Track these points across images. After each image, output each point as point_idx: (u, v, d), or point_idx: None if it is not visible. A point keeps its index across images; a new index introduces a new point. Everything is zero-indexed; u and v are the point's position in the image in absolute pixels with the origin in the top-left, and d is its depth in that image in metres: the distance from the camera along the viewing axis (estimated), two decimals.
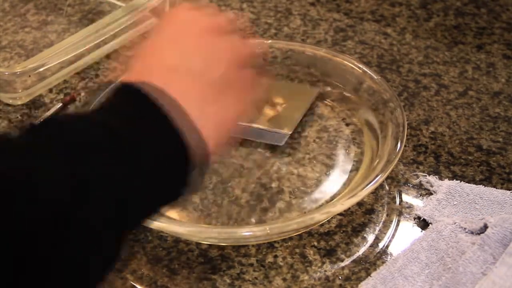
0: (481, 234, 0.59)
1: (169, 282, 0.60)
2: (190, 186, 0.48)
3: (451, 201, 0.64)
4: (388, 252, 0.61)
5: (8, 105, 0.81)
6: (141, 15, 0.88)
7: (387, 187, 0.67)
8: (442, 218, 0.63)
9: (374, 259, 0.61)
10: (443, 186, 0.66)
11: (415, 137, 0.73)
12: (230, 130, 0.53)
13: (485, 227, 0.60)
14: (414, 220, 0.64)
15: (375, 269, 0.59)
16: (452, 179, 0.67)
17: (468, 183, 0.66)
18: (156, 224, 0.60)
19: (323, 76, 0.79)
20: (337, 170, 0.69)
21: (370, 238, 0.63)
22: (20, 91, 0.80)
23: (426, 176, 0.67)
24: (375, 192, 0.66)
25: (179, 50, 0.52)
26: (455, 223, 0.61)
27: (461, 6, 0.93)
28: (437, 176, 0.67)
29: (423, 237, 0.61)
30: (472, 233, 0.60)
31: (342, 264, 0.61)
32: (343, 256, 0.61)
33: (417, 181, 0.67)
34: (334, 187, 0.67)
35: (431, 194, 0.66)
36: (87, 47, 0.84)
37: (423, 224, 0.63)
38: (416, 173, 0.68)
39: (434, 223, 0.62)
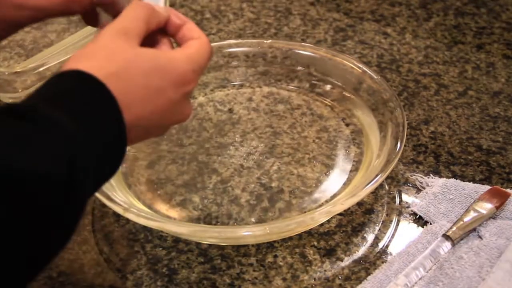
0: (478, 241, 0.59)
1: (169, 282, 0.60)
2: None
3: (447, 195, 0.65)
4: (388, 252, 0.61)
5: None
6: None
7: (387, 187, 0.67)
8: (438, 216, 0.63)
9: (374, 259, 0.61)
10: (440, 180, 0.66)
11: (415, 137, 0.73)
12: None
13: (480, 237, 0.60)
14: (410, 216, 0.64)
15: (375, 269, 0.59)
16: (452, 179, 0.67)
17: (468, 182, 0.66)
18: (156, 224, 0.60)
19: (323, 76, 0.79)
20: (337, 170, 0.69)
21: (370, 238, 0.63)
22: (20, 91, 0.80)
23: (422, 177, 0.67)
24: (375, 192, 0.66)
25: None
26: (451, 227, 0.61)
27: (461, 6, 0.93)
28: (437, 176, 0.67)
29: (419, 239, 0.61)
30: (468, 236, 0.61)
31: (342, 264, 0.61)
32: (343, 256, 0.61)
33: (413, 180, 0.67)
34: (334, 187, 0.67)
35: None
36: None
37: (419, 220, 0.63)
38: (413, 174, 0.68)
39: (429, 225, 0.62)
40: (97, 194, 0.60)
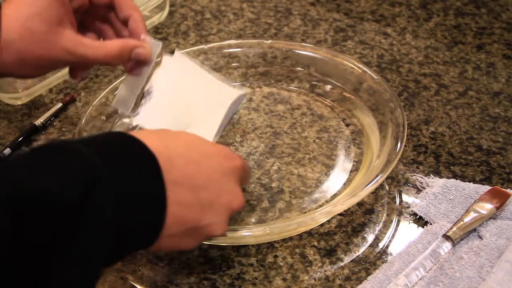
0: (478, 241, 0.59)
1: (169, 282, 0.60)
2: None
3: (447, 195, 0.65)
4: (388, 252, 0.61)
5: (8, 105, 0.81)
6: None
7: (387, 187, 0.67)
8: (439, 216, 0.63)
9: (374, 259, 0.61)
10: (440, 180, 0.66)
11: (415, 137, 0.73)
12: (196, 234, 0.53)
13: (480, 238, 0.60)
14: (410, 216, 0.64)
15: (375, 269, 0.59)
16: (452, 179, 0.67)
17: (468, 183, 0.66)
18: None
19: (323, 76, 0.79)
20: (337, 170, 0.69)
21: (370, 238, 0.63)
22: (20, 91, 0.80)
23: (422, 178, 0.67)
24: (375, 192, 0.66)
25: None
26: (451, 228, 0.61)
27: (461, 6, 0.93)
28: (437, 177, 0.67)
29: (419, 240, 0.61)
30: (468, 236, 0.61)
31: (342, 264, 0.61)
32: (343, 256, 0.61)
33: (414, 180, 0.67)
34: (334, 187, 0.67)
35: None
36: None
37: (419, 221, 0.63)
38: (413, 174, 0.68)
39: (429, 225, 0.62)
40: None
